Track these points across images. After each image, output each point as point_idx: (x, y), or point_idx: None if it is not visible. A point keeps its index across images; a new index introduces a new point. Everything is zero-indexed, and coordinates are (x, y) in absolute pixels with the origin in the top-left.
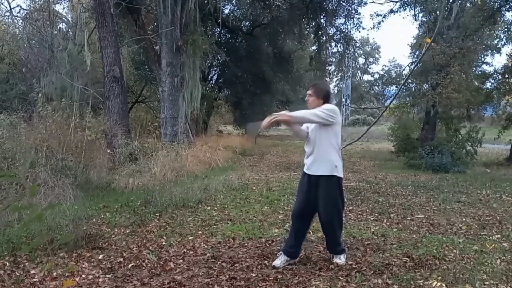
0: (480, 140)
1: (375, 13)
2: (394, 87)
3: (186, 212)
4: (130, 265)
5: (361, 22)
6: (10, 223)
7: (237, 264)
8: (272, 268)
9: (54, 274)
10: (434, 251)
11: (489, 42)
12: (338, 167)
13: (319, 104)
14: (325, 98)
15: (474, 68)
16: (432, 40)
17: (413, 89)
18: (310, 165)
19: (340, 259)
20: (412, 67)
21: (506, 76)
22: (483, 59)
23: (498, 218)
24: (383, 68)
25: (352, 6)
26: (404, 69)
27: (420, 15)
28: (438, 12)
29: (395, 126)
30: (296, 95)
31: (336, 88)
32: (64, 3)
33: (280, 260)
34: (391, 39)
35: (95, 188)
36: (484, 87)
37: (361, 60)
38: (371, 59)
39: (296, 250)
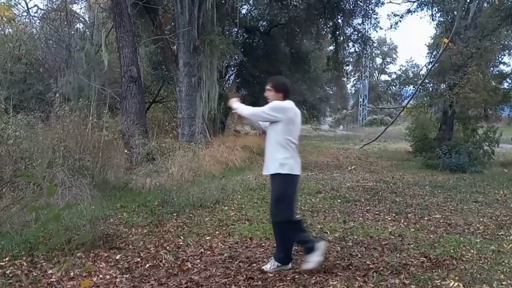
0: (497, 140)
1: (392, 13)
2: (411, 87)
3: (204, 212)
4: (147, 265)
5: (378, 22)
6: (28, 223)
7: (254, 264)
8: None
9: (72, 274)
10: (452, 251)
11: (506, 42)
12: (287, 165)
13: (279, 98)
14: (285, 92)
15: (492, 68)
16: (449, 40)
17: (431, 89)
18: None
19: (266, 267)
20: (429, 67)
21: None
22: (500, 59)
23: None
24: (400, 68)
25: (370, 6)
26: (421, 69)
27: (438, 15)
28: (455, 12)
29: (413, 126)
30: (313, 95)
31: (353, 88)
32: (82, 3)
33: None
34: (409, 39)
35: (113, 188)
36: (502, 87)
37: (379, 60)
38: (388, 59)
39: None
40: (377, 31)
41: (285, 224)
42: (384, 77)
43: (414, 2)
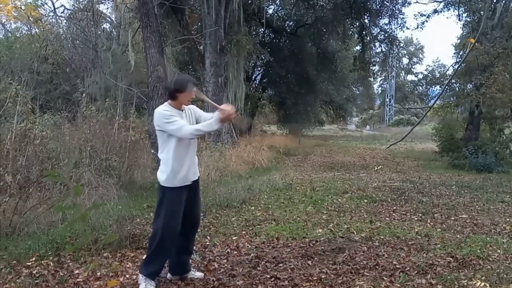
0: None
1: (419, 13)
2: (438, 87)
3: (230, 212)
4: None
5: (405, 22)
6: (54, 223)
7: (281, 264)
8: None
9: (98, 274)
10: (478, 251)
11: None
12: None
13: None
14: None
15: None
16: (476, 40)
17: (457, 89)
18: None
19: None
20: (456, 67)
21: None
22: None
23: None
24: (427, 68)
25: (396, 6)
26: (448, 69)
27: (464, 15)
28: (482, 12)
29: (439, 126)
30: (340, 95)
31: (380, 88)
32: (108, 3)
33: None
34: (435, 39)
35: (139, 188)
36: None
37: (405, 60)
38: (415, 59)
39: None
40: (403, 31)
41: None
42: (410, 77)
43: (440, 2)
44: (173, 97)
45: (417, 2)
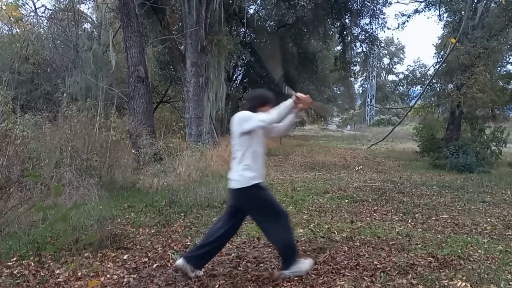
0: (505, 140)
1: (400, 13)
2: (418, 87)
3: (211, 212)
4: (155, 265)
5: (386, 22)
6: (35, 223)
7: (261, 264)
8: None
9: (79, 274)
10: (459, 251)
11: None
12: None
13: None
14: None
15: (499, 68)
16: (457, 40)
17: (438, 89)
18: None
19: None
20: (436, 67)
21: None
22: (508, 59)
23: None
24: (407, 68)
25: (377, 6)
26: (428, 69)
27: (445, 15)
28: (463, 12)
29: (420, 126)
30: (321, 95)
31: (361, 88)
32: (89, 3)
33: None
34: (416, 39)
35: (120, 188)
36: (509, 87)
37: (386, 60)
38: (395, 59)
39: None
40: (384, 31)
41: None
42: (391, 77)
43: (421, 2)
44: (254, 110)
45: (398, 2)
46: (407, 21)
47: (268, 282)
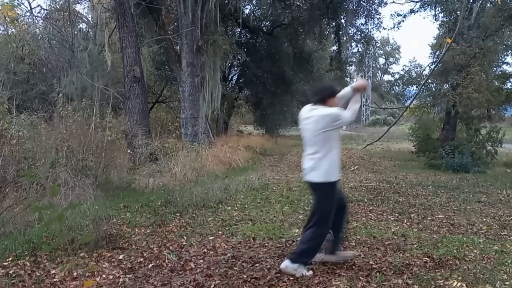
0: (500, 140)
1: (395, 13)
2: (414, 87)
3: (207, 212)
4: (150, 265)
5: (381, 22)
6: (31, 223)
7: (257, 264)
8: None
9: (75, 274)
10: (455, 251)
11: (509, 42)
12: None
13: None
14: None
15: (495, 68)
16: (452, 40)
17: (434, 89)
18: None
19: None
20: (432, 67)
21: None
22: (503, 59)
23: None
24: (403, 68)
25: (373, 6)
26: (424, 69)
27: (441, 15)
28: (458, 12)
29: (416, 126)
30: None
31: None
32: (85, 3)
33: None
34: (412, 39)
35: (116, 188)
36: (505, 87)
37: (382, 60)
38: (391, 59)
39: None
40: (380, 31)
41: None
42: (387, 77)
43: (417, 2)
44: (324, 102)
45: (393, 2)
46: (403, 21)
47: (263, 282)
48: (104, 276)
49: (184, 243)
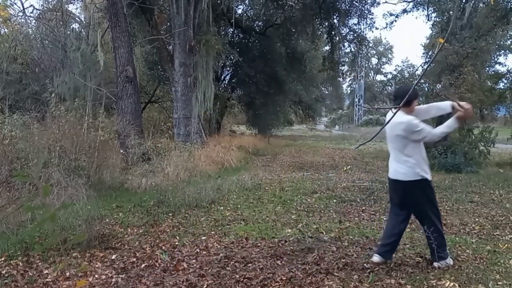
0: (493, 140)
1: (388, 12)
2: None
3: (199, 212)
4: (143, 265)
5: (374, 22)
6: (23, 223)
7: (250, 264)
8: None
9: (67, 274)
10: (447, 251)
11: (502, 42)
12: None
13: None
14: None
15: (487, 68)
16: (445, 40)
17: (426, 89)
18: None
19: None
20: (425, 67)
21: None
22: (496, 59)
23: (511, 218)
24: (396, 68)
25: (365, 6)
26: (417, 69)
27: (433, 15)
28: (451, 12)
29: None
30: (309, 95)
31: (349, 88)
32: (77, 3)
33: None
34: (404, 39)
35: (108, 188)
36: (497, 87)
37: (374, 60)
38: (384, 59)
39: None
40: (372, 31)
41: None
42: (379, 77)
43: (410, 2)
44: (409, 104)
45: (386, 2)
46: (395, 20)
47: (255, 282)
48: (96, 276)
49: (176, 243)
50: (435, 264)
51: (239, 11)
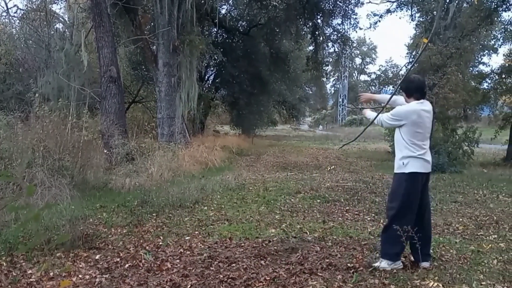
0: (477, 140)
1: (372, 12)
2: (391, 87)
3: (183, 212)
4: (127, 265)
5: (358, 22)
6: (7, 223)
7: (233, 264)
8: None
9: (51, 274)
10: (431, 251)
11: (486, 42)
12: (406, 164)
13: (411, 101)
14: (416, 94)
15: (471, 68)
16: (429, 40)
17: None
18: None
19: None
20: (409, 67)
21: (503, 76)
22: (480, 59)
23: (495, 218)
24: (379, 68)
25: (349, 6)
26: (401, 69)
27: (417, 15)
28: (435, 12)
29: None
30: (293, 95)
31: (333, 88)
32: (61, 3)
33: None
34: (388, 39)
35: (92, 188)
36: (481, 87)
37: (358, 60)
38: (368, 59)
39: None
40: (356, 31)
41: (391, 218)
42: (363, 77)
43: (393, 2)
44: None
45: (370, 2)
46: (379, 21)
47: (239, 282)
48: (80, 276)
49: (160, 243)
50: (423, 264)
51: (223, 11)
